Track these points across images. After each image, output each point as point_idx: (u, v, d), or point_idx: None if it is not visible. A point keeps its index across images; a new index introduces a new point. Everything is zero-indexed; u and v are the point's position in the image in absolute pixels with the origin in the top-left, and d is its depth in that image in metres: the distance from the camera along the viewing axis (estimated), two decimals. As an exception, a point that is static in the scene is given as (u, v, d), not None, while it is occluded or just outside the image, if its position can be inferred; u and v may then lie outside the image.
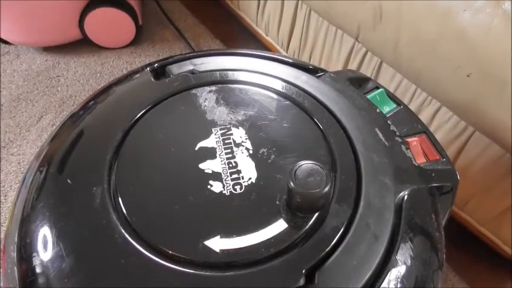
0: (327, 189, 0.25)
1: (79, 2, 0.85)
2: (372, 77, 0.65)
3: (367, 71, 0.65)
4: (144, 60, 0.94)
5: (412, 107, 0.59)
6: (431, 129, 0.58)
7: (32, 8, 0.82)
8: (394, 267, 0.27)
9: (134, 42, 0.95)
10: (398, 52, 0.52)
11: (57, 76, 0.89)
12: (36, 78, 0.88)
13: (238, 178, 0.29)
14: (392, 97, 0.40)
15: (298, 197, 0.26)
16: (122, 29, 0.91)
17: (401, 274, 0.27)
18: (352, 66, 0.67)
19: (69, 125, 0.35)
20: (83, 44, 0.92)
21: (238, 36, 0.99)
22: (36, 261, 0.27)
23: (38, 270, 0.27)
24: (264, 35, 0.89)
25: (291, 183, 0.25)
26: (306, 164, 0.26)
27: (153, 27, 1.00)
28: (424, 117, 0.58)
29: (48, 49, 0.93)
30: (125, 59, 0.93)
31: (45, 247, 0.27)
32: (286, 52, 0.84)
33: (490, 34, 0.41)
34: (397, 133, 0.35)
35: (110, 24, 0.89)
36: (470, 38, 0.43)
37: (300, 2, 0.73)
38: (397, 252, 0.27)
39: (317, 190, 0.25)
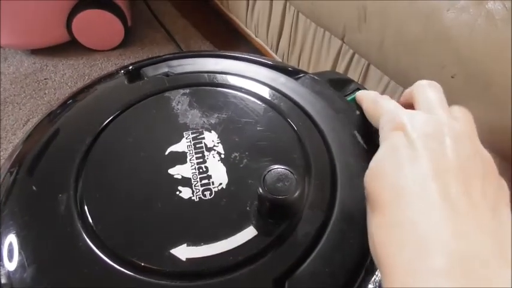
0: (296, 194, 0.24)
1: (66, 4, 0.84)
2: (360, 79, 0.64)
3: (355, 72, 0.64)
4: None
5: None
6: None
7: (18, 9, 0.81)
8: (368, 274, 0.26)
9: (123, 45, 0.95)
10: (383, 53, 0.51)
11: (44, 79, 0.88)
12: (23, 81, 0.87)
13: (208, 183, 0.28)
14: (373, 99, 0.39)
15: (268, 203, 0.25)
16: (111, 31, 0.90)
17: (376, 281, 0.26)
18: (340, 67, 0.67)
19: (41, 128, 0.34)
20: (72, 46, 0.92)
21: (229, 38, 0.99)
22: (0, 271, 0.26)
23: (2, 280, 0.26)
24: (253, 36, 0.88)
25: (260, 189, 0.24)
26: (275, 169, 0.25)
27: (142, 29, 1.00)
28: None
29: (36, 51, 0.93)
30: (113, 61, 0.93)
31: (9, 257, 0.27)
32: (276, 53, 0.83)
33: (473, 34, 0.41)
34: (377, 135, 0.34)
35: (98, 26, 0.88)
36: (454, 38, 0.42)
37: (287, 2, 0.72)
38: (372, 259, 0.26)
39: (286, 196, 0.24)
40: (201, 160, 0.29)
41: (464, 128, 0.25)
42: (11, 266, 0.26)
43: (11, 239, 0.27)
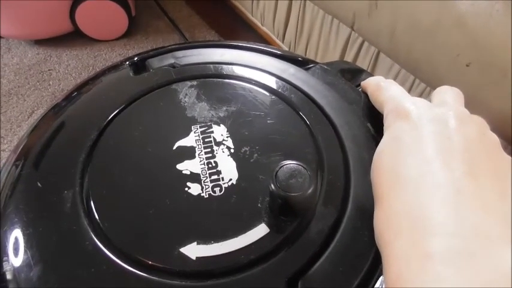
0: (310, 191, 0.23)
1: (69, -7, 0.82)
2: (369, 68, 0.63)
3: (364, 61, 0.62)
4: (137, 52, 0.92)
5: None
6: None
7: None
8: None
9: (127, 34, 0.93)
10: (395, 41, 0.50)
11: (48, 70, 0.87)
12: (27, 72, 0.86)
13: (218, 179, 0.27)
14: (386, 89, 0.38)
15: (280, 200, 0.24)
16: (114, 20, 0.89)
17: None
18: (349, 56, 0.65)
19: (46, 121, 0.33)
20: (76, 37, 0.91)
21: (234, 27, 0.97)
22: (6, 268, 0.26)
23: (8, 277, 0.26)
24: (259, 24, 0.87)
25: (272, 186, 0.23)
26: (288, 165, 0.24)
27: (146, 18, 0.98)
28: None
29: (40, 42, 0.92)
30: (118, 51, 0.92)
31: (15, 255, 0.26)
32: (282, 42, 0.82)
33: (490, 20, 0.39)
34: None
35: (102, 16, 0.87)
36: (470, 25, 0.41)
37: (295, -11, 0.70)
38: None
39: (299, 193, 0.23)
40: (210, 155, 0.28)
41: (473, 116, 0.24)
42: (16, 264, 0.26)
43: (17, 236, 0.26)
